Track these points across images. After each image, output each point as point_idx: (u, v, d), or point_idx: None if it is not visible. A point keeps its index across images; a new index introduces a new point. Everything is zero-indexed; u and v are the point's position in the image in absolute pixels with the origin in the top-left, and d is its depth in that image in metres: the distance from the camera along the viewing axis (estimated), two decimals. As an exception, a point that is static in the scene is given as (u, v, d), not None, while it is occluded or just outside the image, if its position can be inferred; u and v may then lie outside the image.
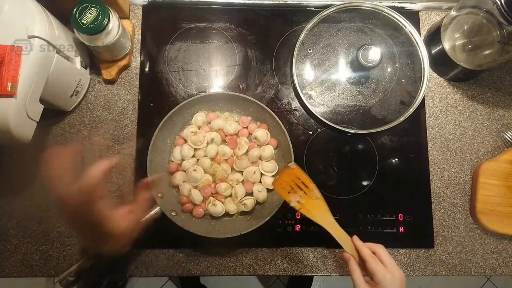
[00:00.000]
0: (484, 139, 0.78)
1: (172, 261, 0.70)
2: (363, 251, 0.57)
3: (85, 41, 0.65)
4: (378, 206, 0.73)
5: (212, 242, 0.66)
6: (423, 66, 0.75)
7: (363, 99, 0.75)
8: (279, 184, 0.61)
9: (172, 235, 0.68)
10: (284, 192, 0.60)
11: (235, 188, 0.68)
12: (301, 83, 0.75)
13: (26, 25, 0.55)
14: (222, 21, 0.79)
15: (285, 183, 0.60)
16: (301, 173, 0.61)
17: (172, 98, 0.76)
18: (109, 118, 0.75)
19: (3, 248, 0.70)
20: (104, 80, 0.75)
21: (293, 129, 0.76)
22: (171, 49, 0.78)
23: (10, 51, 0.53)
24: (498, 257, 0.73)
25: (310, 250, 0.72)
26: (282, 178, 0.61)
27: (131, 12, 0.79)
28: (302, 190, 0.60)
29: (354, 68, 0.76)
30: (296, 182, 0.60)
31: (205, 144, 0.70)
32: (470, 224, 0.74)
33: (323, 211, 0.61)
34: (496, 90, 0.79)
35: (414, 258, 0.72)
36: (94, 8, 0.63)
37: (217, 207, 0.67)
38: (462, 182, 0.76)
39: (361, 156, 0.76)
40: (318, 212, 0.61)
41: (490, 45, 0.70)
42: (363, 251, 0.57)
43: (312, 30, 0.76)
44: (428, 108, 0.78)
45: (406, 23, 0.76)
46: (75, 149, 0.48)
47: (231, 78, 0.78)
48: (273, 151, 0.71)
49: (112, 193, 0.72)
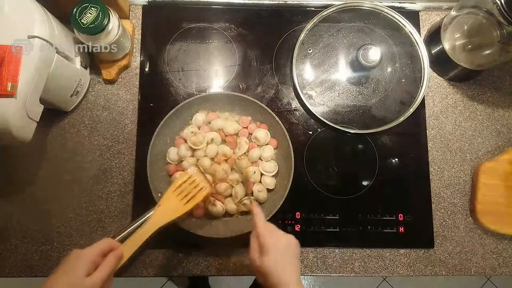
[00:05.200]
0: (484, 139, 0.78)
1: (172, 261, 0.70)
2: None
3: (85, 41, 0.65)
4: (378, 206, 0.73)
5: (212, 242, 0.66)
6: (423, 66, 0.75)
7: (363, 99, 0.75)
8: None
9: (172, 235, 0.68)
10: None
11: (235, 188, 0.68)
12: (301, 83, 0.75)
13: (26, 25, 0.55)
14: (222, 21, 0.79)
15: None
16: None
17: (172, 98, 0.76)
18: (109, 118, 0.75)
19: (3, 248, 0.70)
20: (104, 80, 0.75)
21: (293, 129, 0.76)
22: (171, 49, 0.78)
23: (10, 51, 0.53)
24: (498, 257, 0.73)
25: (310, 250, 0.72)
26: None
27: (131, 12, 0.79)
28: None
29: (354, 68, 0.76)
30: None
31: (205, 144, 0.70)
32: (470, 224, 0.74)
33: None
34: (496, 90, 0.79)
35: (414, 258, 0.72)
36: (94, 8, 0.63)
37: (217, 207, 0.67)
38: (462, 182, 0.76)
39: (361, 156, 0.76)
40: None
41: (490, 45, 0.70)
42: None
43: (312, 30, 0.76)
44: (428, 108, 0.78)
45: (406, 23, 0.76)
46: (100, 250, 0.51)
47: (231, 78, 0.77)
48: (273, 151, 0.71)
49: (112, 193, 0.72)
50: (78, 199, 0.72)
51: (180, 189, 0.61)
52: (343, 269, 0.72)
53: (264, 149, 0.70)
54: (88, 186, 0.72)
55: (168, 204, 0.60)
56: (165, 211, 0.59)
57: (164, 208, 0.60)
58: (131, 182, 0.72)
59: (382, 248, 0.72)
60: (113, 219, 0.71)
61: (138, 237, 0.56)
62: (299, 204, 0.73)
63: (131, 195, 0.72)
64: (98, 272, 0.49)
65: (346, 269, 0.72)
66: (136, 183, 0.72)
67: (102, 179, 0.73)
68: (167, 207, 0.60)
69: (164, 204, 0.60)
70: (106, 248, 0.52)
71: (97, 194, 0.72)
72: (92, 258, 0.49)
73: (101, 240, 0.52)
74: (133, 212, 0.71)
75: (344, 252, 0.72)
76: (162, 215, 0.59)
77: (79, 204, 0.72)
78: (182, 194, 0.61)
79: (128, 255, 0.55)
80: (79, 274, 0.48)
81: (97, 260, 0.50)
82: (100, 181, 0.73)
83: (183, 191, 0.61)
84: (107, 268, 0.50)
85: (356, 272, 0.71)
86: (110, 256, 0.51)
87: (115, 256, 0.52)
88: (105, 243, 0.52)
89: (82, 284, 0.47)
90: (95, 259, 0.50)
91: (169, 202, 0.60)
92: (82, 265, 0.48)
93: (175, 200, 0.60)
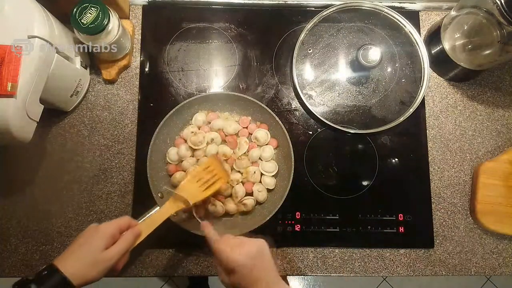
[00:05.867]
0: (484, 139, 0.78)
1: (172, 261, 0.70)
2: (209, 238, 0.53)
3: (85, 41, 0.65)
4: (378, 206, 0.73)
5: (212, 242, 0.66)
6: (423, 66, 0.75)
7: (363, 99, 0.75)
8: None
9: (172, 235, 0.68)
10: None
11: (235, 188, 0.68)
12: (301, 83, 0.75)
13: (26, 25, 0.55)
14: (222, 21, 0.79)
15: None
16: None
17: (172, 98, 0.76)
18: (109, 118, 0.75)
19: (3, 248, 0.70)
20: (104, 80, 0.75)
21: (293, 129, 0.76)
22: (171, 49, 0.78)
23: (10, 51, 0.53)
24: (498, 257, 0.73)
25: (310, 250, 0.72)
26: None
27: (131, 12, 0.79)
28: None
29: (354, 68, 0.76)
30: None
31: (205, 144, 0.70)
32: (470, 224, 0.74)
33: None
34: (496, 90, 0.79)
35: (414, 258, 0.72)
36: (94, 8, 0.63)
37: (217, 207, 0.67)
38: (462, 182, 0.76)
39: (361, 156, 0.76)
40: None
41: (490, 45, 0.70)
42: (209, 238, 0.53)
43: (312, 30, 0.76)
44: (428, 108, 0.78)
45: (406, 23, 0.76)
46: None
47: (231, 78, 0.77)
48: (273, 151, 0.71)
49: (112, 193, 0.72)
50: (78, 199, 0.72)
51: (199, 176, 0.62)
52: (343, 269, 0.72)
53: (264, 149, 0.71)
54: (88, 186, 0.72)
55: (188, 189, 0.61)
56: (183, 197, 0.60)
57: (184, 192, 0.60)
58: (131, 182, 0.72)
59: (382, 248, 0.72)
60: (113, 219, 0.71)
61: (156, 218, 0.58)
62: (299, 204, 0.73)
63: (131, 195, 0.72)
64: (116, 246, 0.49)
65: (346, 269, 0.72)
66: (136, 183, 0.72)
67: (102, 179, 0.73)
68: (187, 192, 0.60)
69: (184, 189, 0.61)
70: (125, 225, 0.52)
71: (97, 194, 0.72)
72: (110, 233, 0.49)
73: (120, 217, 0.53)
74: (133, 212, 0.71)
75: (344, 252, 0.72)
76: (180, 201, 0.60)
77: (79, 204, 0.72)
78: (201, 181, 0.62)
79: (145, 234, 0.55)
80: (97, 247, 0.48)
81: (115, 235, 0.50)
82: (100, 181, 0.73)
83: (202, 178, 0.62)
84: (125, 244, 0.50)
85: (356, 272, 0.71)
86: (128, 232, 0.51)
87: (133, 233, 0.52)
88: (124, 220, 0.52)
89: (99, 256, 0.47)
90: (114, 234, 0.50)
91: (189, 187, 0.61)
92: (100, 238, 0.48)
93: (194, 186, 0.62)
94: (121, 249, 0.49)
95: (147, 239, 0.56)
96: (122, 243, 0.50)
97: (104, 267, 0.48)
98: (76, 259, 0.47)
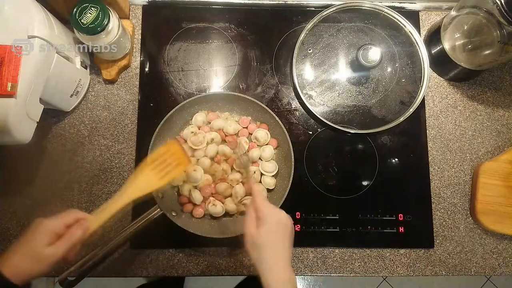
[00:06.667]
0: (484, 139, 0.78)
1: (172, 261, 0.70)
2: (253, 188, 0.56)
3: (85, 41, 0.65)
4: (378, 206, 0.73)
5: (212, 242, 0.66)
6: (423, 66, 0.75)
7: (363, 99, 0.75)
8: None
9: (172, 235, 0.68)
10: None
11: (235, 188, 0.68)
12: (301, 83, 0.75)
13: (26, 25, 0.55)
14: (222, 21, 0.79)
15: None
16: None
17: (172, 98, 0.76)
18: (109, 118, 0.75)
19: (3, 248, 0.70)
20: (104, 80, 0.75)
21: (293, 129, 0.76)
22: (171, 49, 0.78)
23: (10, 51, 0.53)
24: (498, 257, 0.73)
25: (310, 250, 0.72)
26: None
27: (131, 12, 0.79)
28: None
29: (354, 68, 0.76)
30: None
31: (205, 144, 0.70)
32: (470, 224, 0.74)
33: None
34: (496, 90, 0.79)
35: (414, 258, 0.72)
36: (94, 8, 0.63)
37: (217, 207, 0.67)
38: (462, 182, 0.76)
39: (361, 156, 0.76)
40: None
41: (490, 45, 0.70)
42: (253, 188, 0.56)
43: (312, 30, 0.76)
44: (428, 108, 0.78)
45: (406, 23, 0.76)
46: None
47: (231, 78, 0.77)
48: (273, 151, 0.71)
49: (112, 193, 0.72)
50: (78, 199, 0.72)
51: (156, 163, 0.58)
52: (343, 269, 0.72)
53: (264, 149, 0.70)
54: (88, 186, 0.72)
55: (142, 178, 0.57)
56: (138, 185, 0.57)
57: (138, 181, 0.57)
58: (131, 182, 0.72)
59: (382, 248, 0.72)
60: (113, 219, 0.71)
61: (108, 210, 0.54)
62: (299, 204, 0.73)
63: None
64: (61, 242, 0.48)
65: (346, 269, 0.72)
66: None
67: (102, 179, 0.73)
68: (141, 181, 0.57)
69: (137, 177, 0.57)
70: (71, 219, 0.51)
71: (97, 194, 0.72)
72: (54, 228, 0.49)
73: (67, 211, 0.52)
74: (133, 212, 0.71)
75: (344, 252, 0.72)
76: (135, 188, 0.56)
77: (79, 204, 0.72)
78: (158, 168, 0.58)
79: (95, 227, 0.53)
80: (39, 243, 0.47)
81: (60, 230, 0.49)
82: (100, 181, 0.73)
83: (159, 165, 0.58)
84: (70, 239, 0.49)
85: (356, 272, 0.71)
86: (75, 227, 0.50)
87: (81, 228, 0.51)
88: (71, 215, 0.51)
89: (41, 252, 0.47)
90: (58, 230, 0.49)
91: (143, 175, 0.57)
92: (43, 234, 0.48)
93: (150, 174, 0.58)
94: (67, 244, 0.49)
95: (147, 239, 0.56)
96: (67, 239, 0.49)
97: (49, 262, 0.48)
98: (20, 257, 0.47)
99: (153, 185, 0.58)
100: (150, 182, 0.58)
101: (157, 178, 0.58)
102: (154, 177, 0.58)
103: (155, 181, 0.58)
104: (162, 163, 0.58)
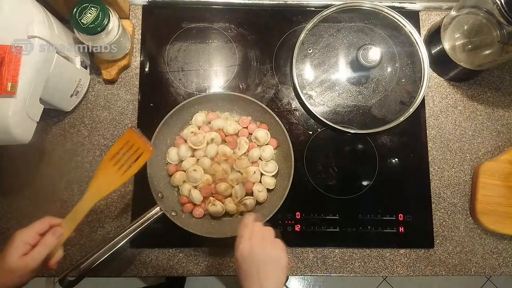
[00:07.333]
0: (484, 139, 0.78)
1: (172, 261, 0.70)
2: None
3: (85, 41, 0.65)
4: (378, 206, 0.73)
5: (212, 242, 0.66)
6: (423, 66, 0.75)
7: (363, 99, 0.75)
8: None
9: (172, 235, 0.68)
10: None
11: (235, 188, 0.68)
12: (301, 83, 0.75)
13: (26, 25, 0.55)
14: (222, 21, 0.79)
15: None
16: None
17: (172, 98, 0.76)
18: (109, 118, 0.75)
19: (3, 248, 0.70)
20: (104, 80, 0.75)
21: (293, 129, 0.76)
22: (171, 49, 0.78)
23: (10, 51, 0.53)
24: (498, 257, 0.73)
25: (310, 250, 0.72)
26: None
27: (131, 12, 0.79)
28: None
29: (354, 68, 0.76)
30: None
31: (205, 144, 0.70)
32: (470, 224, 0.74)
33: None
34: (496, 90, 0.79)
35: (414, 258, 0.72)
36: (94, 8, 0.63)
37: (217, 207, 0.67)
38: (462, 182, 0.76)
39: (361, 156, 0.76)
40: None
41: (490, 45, 0.70)
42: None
43: (312, 30, 0.76)
44: (428, 108, 0.78)
45: (406, 23, 0.76)
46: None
47: (231, 78, 0.78)
48: (273, 151, 0.71)
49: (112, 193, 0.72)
50: (78, 199, 0.71)
51: (116, 158, 0.56)
52: (343, 269, 0.72)
53: (264, 149, 0.70)
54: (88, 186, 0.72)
55: (104, 177, 0.56)
56: (101, 185, 0.55)
57: (100, 181, 0.55)
58: (131, 182, 0.72)
59: (382, 248, 0.72)
60: (113, 219, 0.71)
61: (77, 214, 0.54)
62: (299, 204, 0.73)
63: (131, 195, 0.72)
64: (35, 251, 0.49)
65: (346, 269, 0.72)
66: (135, 183, 0.72)
67: (102, 179, 0.73)
68: (103, 180, 0.56)
69: (99, 177, 0.56)
70: (43, 227, 0.51)
71: (97, 194, 0.72)
72: (26, 239, 0.49)
73: (39, 220, 0.52)
74: (133, 212, 0.71)
75: (344, 252, 0.72)
76: (98, 189, 0.56)
77: (79, 204, 0.72)
78: (119, 164, 0.56)
79: (70, 230, 0.54)
80: (11, 256, 0.48)
81: (33, 240, 0.50)
82: (100, 181, 0.73)
83: (120, 160, 0.56)
84: (44, 247, 0.50)
85: (356, 272, 0.71)
86: (49, 234, 0.51)
87: (54, 234, 0.51)
88: (42, 223, 0.52)
89: (15, 264, 0.47)
90: (30, 239, 0.49)
91: (105, 174, 0.56)
92: (14, 246, 0.48)
93: (111, 171, 0.56)
94: (41, 252, 0.49)
95: (147, 239, 0.56)
96: (41, 246, 0.50)
97: (24, 272, 0.48)
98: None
99: (115, 182, 0.56)
100: (112, 180, 0.56)
101: (119, 174, 0.56)
102: (116, 173, 0.56)
103: (117, 178, 0.56)
104: (122, 158, 0.56)
